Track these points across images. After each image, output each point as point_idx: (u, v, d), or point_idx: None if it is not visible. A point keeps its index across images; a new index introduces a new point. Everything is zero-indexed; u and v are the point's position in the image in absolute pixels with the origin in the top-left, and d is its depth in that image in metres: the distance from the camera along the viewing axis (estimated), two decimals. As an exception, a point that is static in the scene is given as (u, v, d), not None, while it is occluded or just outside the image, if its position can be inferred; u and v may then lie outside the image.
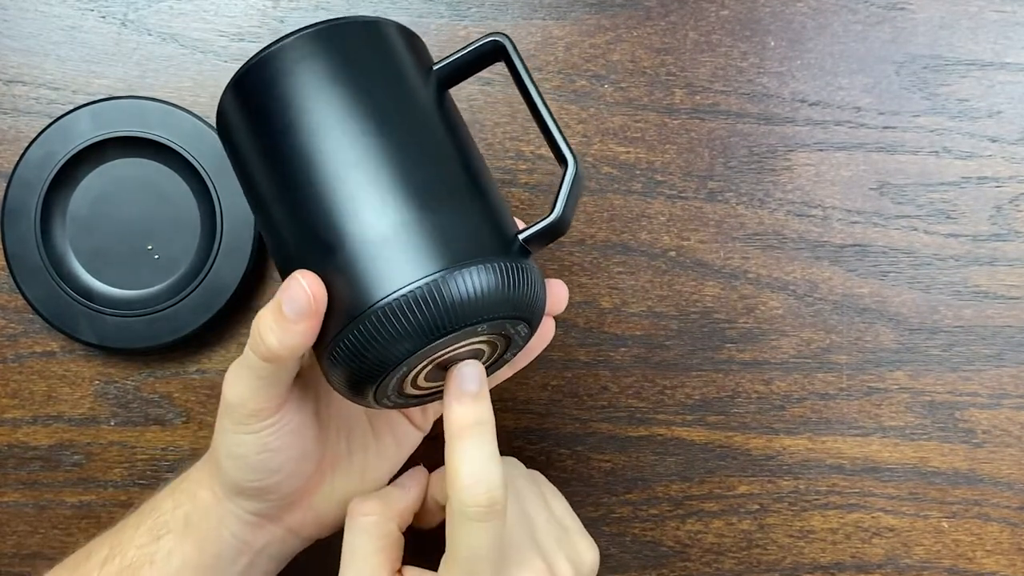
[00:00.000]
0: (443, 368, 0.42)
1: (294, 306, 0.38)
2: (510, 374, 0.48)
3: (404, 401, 0.44)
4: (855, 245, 0.59)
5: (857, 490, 0.59)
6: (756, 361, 0.59)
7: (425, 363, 0.41)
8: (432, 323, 0.37)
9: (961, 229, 0.59)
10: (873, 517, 0.59)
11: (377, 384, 0.40)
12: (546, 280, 0.43)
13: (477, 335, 0.40)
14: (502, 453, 0.41)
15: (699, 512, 0.59)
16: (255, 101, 0.41)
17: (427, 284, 0.37)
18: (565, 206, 0.41)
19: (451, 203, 0.39)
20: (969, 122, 0.59)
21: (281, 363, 0.41)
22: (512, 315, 0.40)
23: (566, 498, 0.50)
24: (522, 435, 0.59)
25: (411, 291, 0.37)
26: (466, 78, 0.44)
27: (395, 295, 0.37)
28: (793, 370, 0.59)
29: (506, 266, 0.39)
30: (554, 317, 0.46)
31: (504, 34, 0.43)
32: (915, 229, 0.59)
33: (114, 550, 0.47)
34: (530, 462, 0.58)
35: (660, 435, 0.59)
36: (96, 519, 0.59)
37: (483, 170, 0.42)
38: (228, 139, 0.43)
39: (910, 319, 0.59)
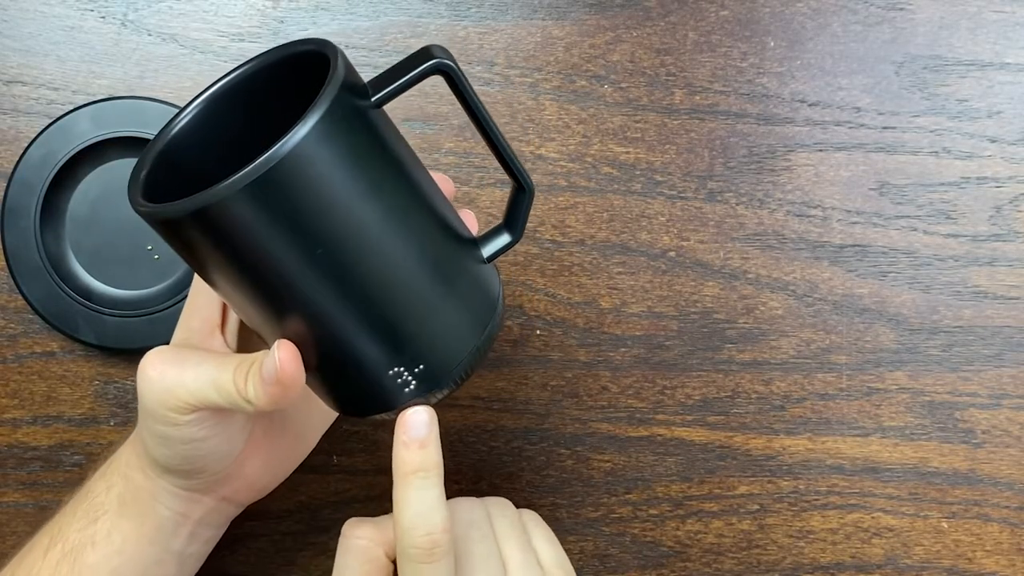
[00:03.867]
0: None
1: (267, 373, 0.41)
2: None
3: None
4: (855, 245, 0.59)
5: (857, 490, 0.59)
6: (756, 361, 0.59)
7: None
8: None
9: (961, 229, 0.59)
10: (873, 517, 0.59)
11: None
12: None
13: None
14: (502, 454, 0.41)
15: (699, 512, 0.59)
16: (284, 201, 0.36)
17: (481, 345, 0.42)
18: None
19: (458, 267, 0.42)
20: (969, 122, 0.59)
21: (246, 409, 0.42)
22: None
23: (566, 500, 0.50)
24: (522, 435, 0.59)
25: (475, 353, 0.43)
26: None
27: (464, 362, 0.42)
28: (793, 370, 0.59)
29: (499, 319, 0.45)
30: (554, 317, 0.46)
31: (445, 59, 0.39)
32: (915, 229, 0.59)
33: (54, 538, 0.48)
34: (530, 462, 0.58)
35: (660, 435, 0.59)
36: (96, 519, 0.59)
37: (438, 195, 0.42)
38: (233, 246, 0.37)
39: (910, 319, 0.59)
